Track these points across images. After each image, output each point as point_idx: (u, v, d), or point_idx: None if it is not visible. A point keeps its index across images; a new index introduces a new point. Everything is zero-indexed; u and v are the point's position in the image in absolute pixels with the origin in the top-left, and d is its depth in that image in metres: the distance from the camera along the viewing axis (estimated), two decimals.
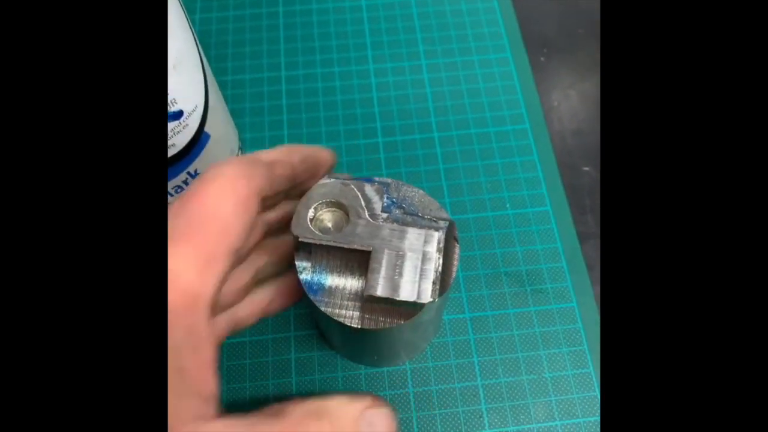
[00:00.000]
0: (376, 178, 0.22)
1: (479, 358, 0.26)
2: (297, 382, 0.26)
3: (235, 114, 0.32)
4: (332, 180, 0.22)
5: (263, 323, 0.27)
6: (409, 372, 0.26)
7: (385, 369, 0.26)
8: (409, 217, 0.21)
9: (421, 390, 0.26)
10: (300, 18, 0.36)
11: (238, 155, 0.30)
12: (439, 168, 0.31)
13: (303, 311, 0.27)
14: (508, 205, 0.30)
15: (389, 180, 0.22)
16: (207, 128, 0.25)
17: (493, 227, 0.30)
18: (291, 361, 0.26)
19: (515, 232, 0.29)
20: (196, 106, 0.24)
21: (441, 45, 0.35)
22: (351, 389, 0.26)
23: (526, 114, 0.33)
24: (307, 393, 0.26)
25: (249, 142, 0.32)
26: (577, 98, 0.34)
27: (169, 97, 0.22)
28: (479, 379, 0.26)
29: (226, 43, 0.35)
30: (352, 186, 0.22)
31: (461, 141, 0.32)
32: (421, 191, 0.22)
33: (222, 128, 0.27)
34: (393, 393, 0.26)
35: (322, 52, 0.35)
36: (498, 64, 0.35)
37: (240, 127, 0.32)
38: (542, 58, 0.36)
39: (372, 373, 0.26)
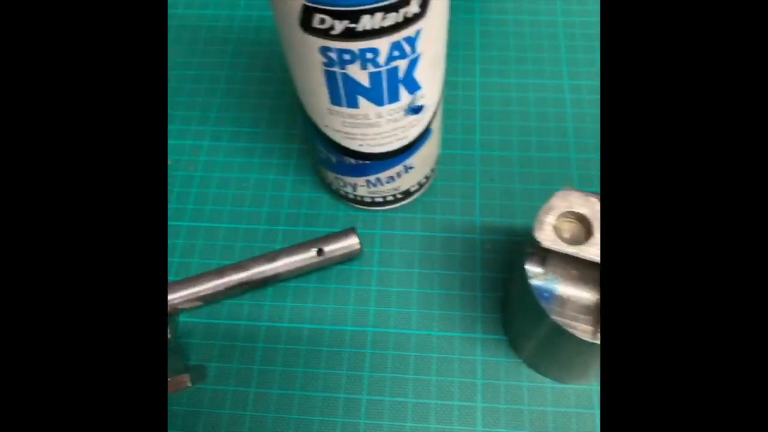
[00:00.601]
0: None
1: None
2: (482, 385, 0.26)
3: None
4: (574, 191, 0.22)
5: (451, 321, 0.28)
6: (595, 393, 0.26)
7: (571, 386, 0.26)
8: None
9: None
10: (495, 27, 0.37)
11: (438, 155, 0.30)
12: None
13: (491, 315, 0.28)
14: None
15: None
16: (432, 125, 0.26)
17: None
18: (477, 363, 0.27)
19: None
20: (433, 103, 0.25)
21: None
22: (537, 401, 0.26)
23: None
24: (492, 397, 0.26)
25: (444, 142, 0.33)
26: None
27: (421, 91, 0.23)
28: None
29: None
30: (594, 199, 0.22)
31: None
32: None
33: (439, 126, 0.28)
34: (579, 411, 0.25)
35: (517, 63, 0.35)
36: None
37: None
38: None
39: (558, 388, 0.26)
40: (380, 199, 0.29)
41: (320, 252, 0.27)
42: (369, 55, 0.20)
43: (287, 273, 0.27)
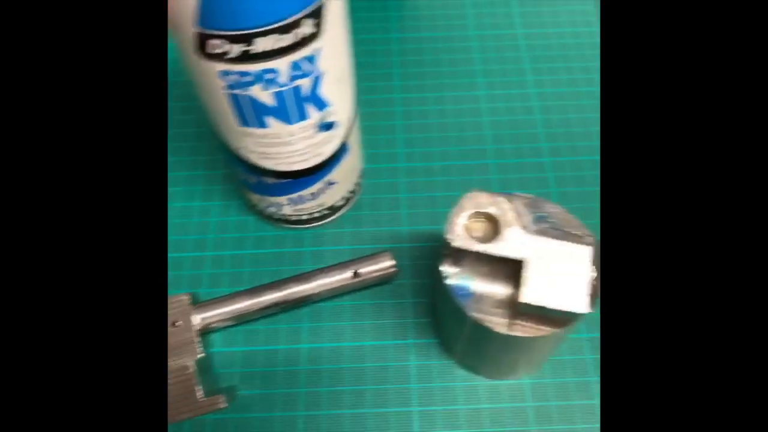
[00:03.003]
0: (519, 193, 0.23)
1: (596, 378, 0.27)
2: (417, 389, 0.27)
3: None
4: (483, 193, 0.23)
5: (383, 329, 0.28)
6: (527, 387, 0.27)
7: (504, 382, 0.27)
8: (556, 231, 0.22)
9: (540, 405, 0.26)
10: (412, 44, 0.38)
11: (361, 170, 0.31)
12: (551, 191, 0.32)
13: (423, 320, 0.28)
14: None
15: (531, 195, 0.23)
16: (349, 140, 0.27)
17: None
18: (411, 368, 0.27)
19: None
20: (346, 119, 0.26)
21: (548, 75, 0.37)
22: (471, 400, 0.26)
23: None
24: (427, 400, 0.26)
25: (366, 157, 0.34)
26: None
27: (330, 108, 0.24)
28: (597, 398, 0.26)
29: None
30: (503, 198, 0.23)
31: (572, 167, 0.33)
32: (561, 208, 0.23)
33: (357, 141, 0.28)
34: (513, 406, 0.26)
35: (434, 77, 0.37)
36: None
37: None
38: None
39: (491, 385, 0.27)
40: (306, 217, 0.30)
41: (356, 274, 0.27)
42: (269, 76, 0.21)
43: (319, 294, 0.27)
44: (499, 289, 0.22)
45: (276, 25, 0.19)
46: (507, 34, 0.39)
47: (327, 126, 0.25)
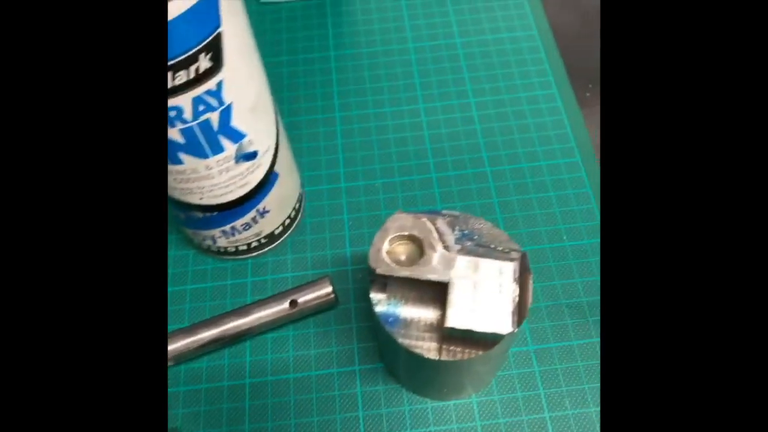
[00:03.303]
0: (445, 211, 0.23)
1: (545, 391, 0.26)
2: (364, 416, 0.26)
3: (294, 154, 0.34)
4: (405, 213, 0.22)
5: (328, 357, 0.27)
6: (475, 405, 0.26)
7: (451, 402, 0.26)
8: (481, 248, 0.22)
9: (488, 423, 0.26)
10: (351, 62, 0.38)
11: (300, 194, 0.31)
12: (494, 201, 0.32)
13: (368, 345, 0.28)
14: (564, 237, 0.30)
15: (457, 212, 0.23)
16: (276, 167, 0.26)
17: (551, 259, 0.30)
18: (357, 395, 0.27)
19: (574, 263, 0.30)
20: (268, 147, 0.25)
21: (488, 83, 0.36)
22: (419, 423, 0.26)
23: (577, 147, 0.33)
24: (375, 427, 0.26)
25: (307, 179, 0.33)
26: None
27: (246, 138, 0.23)
28: (546, 411, 0.26)
29: (281, 87, 0.37)
30: (425, 219, 0.22)
31: (514, 175, 0.33)
32: (489, 223, 0.23)
33: (288, 167, 0.28)
34: (461, 426, 0.26)
35: (374, 93, 0.36)
36: (545, 101, 0.36)
37: (299, 167, 0.33)
38: (587, 94, 0.36)
39: (439, 406, 0.26)
40: (244, 247, 0.29)
41: (293, 304, 0.27)
42: (172, 113, 0.20)
43: (259, 327, 0.27)
44: (427, 314, 0.21)
45: (169, 63, 0.18)
46: (445, 44, 0.38)
47: (248, 156, 0.24)
